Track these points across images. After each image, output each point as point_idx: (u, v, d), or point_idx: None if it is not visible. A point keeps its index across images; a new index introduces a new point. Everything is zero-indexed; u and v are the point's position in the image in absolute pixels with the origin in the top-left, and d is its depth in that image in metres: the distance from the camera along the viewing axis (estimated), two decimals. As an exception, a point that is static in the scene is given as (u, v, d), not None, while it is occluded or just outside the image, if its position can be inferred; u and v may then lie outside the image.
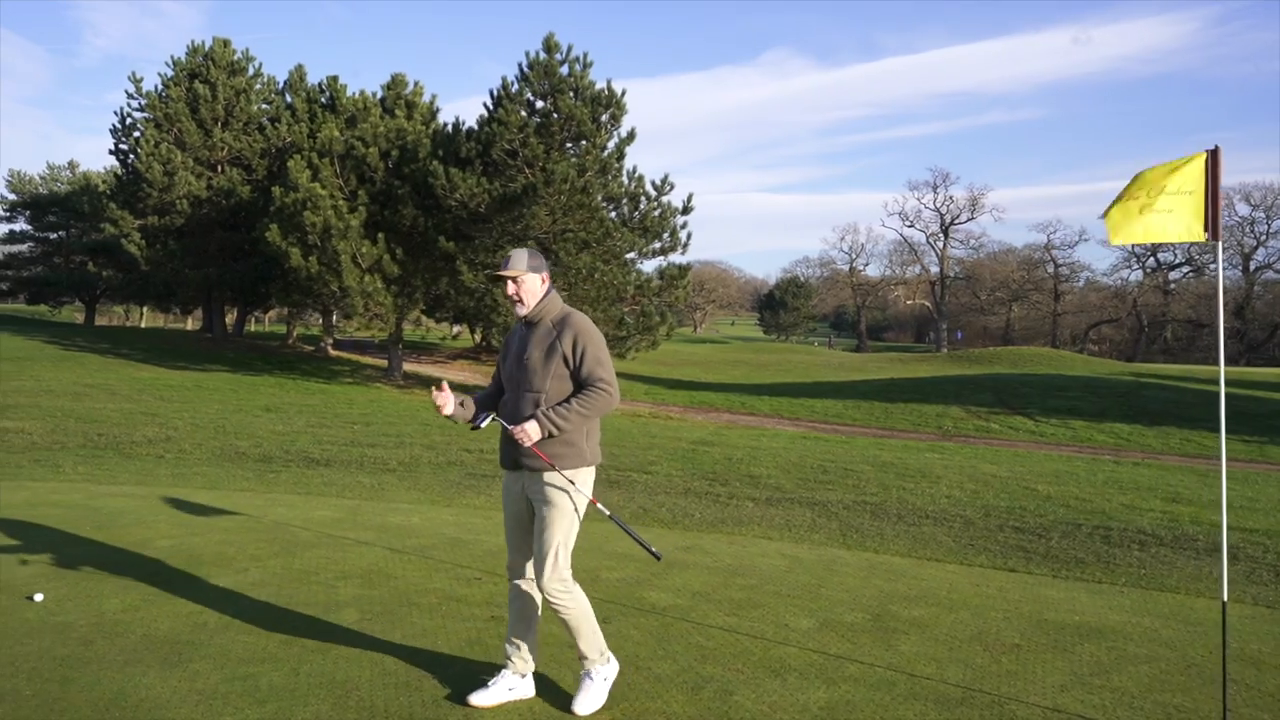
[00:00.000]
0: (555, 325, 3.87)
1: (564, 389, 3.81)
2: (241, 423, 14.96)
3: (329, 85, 32.67)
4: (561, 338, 3.83)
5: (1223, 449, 3.61)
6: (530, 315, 3.91)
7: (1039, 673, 4.42)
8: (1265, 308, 69.26)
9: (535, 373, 3.80)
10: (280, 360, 28.86)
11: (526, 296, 3.88)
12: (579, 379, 3.82)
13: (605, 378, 3.81)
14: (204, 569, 5.91)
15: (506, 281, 3.91)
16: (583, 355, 3.80)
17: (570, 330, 3.83)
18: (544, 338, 3.86)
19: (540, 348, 3.84)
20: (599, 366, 3.81)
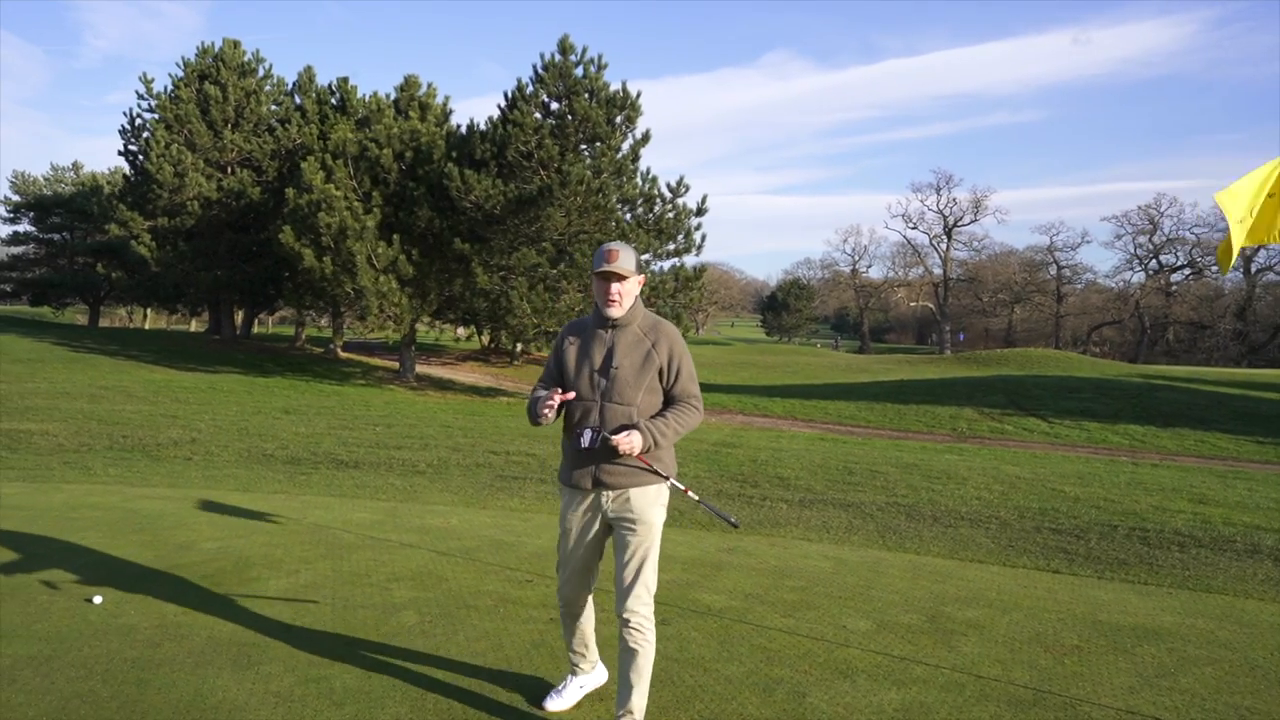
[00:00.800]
0: (646, 333, 3.55)
1: (654, 404, 3.53)
2: (263, 424, 14.98)
3: (339, 86, 32.69)
4: (657, 347, 3.52)
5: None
6: (621, 319, 3.54)
7: (1104, 674, 4.44)
8: (1267, 309, 69.31)
9: (627, 384, 3.47)
10: (290, 362, 28.88)
11: (626, 299, 3.52)
12: (670, 394, 3.55)
13: (698, 394, 3.60)
14: (254, 571, 5.93)
15: (608, 282, 3.50)
16: (679, 370, 3.53)
17: (666, 341, 3.54)
18: (635, 345, 3.53)
19: (633, 357, 3.51)
20: (692, 382, 3.58)
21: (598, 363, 3.52)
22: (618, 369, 3.49)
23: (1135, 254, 74.70)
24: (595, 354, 3.54)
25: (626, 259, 3.48)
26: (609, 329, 3.56)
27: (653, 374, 3.50)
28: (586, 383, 3.52)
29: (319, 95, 32.76)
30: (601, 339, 3.56)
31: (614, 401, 3.47)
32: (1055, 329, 76.74)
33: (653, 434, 3.44)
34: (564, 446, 3.67)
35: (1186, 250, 73.19)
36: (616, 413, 3.46)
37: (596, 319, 3.60)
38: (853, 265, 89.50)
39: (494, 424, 16.73)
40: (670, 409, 3.53)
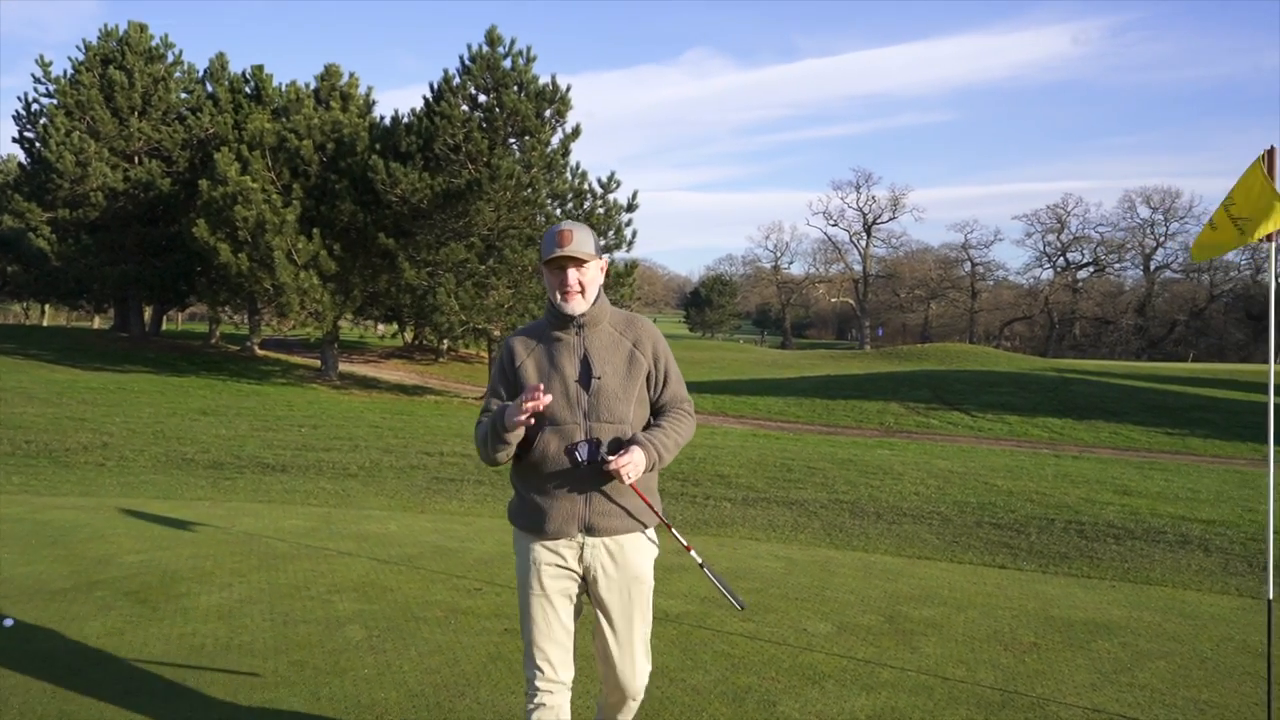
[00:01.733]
0: (623, 331, 2.92)
1: (643, 418, 2.91)
2: (180, 427, 14.30)
3: (254, 75, 31.49)
4: (640, 348, 2.90)
5: (1270, 456, 3.67)
6: (587, 315, 2.86)
7: (1065, 672, 4.48)
8: (1164, 305, 72.84)
9: (615, 397, 2.81)
10: (205, 360, 27.75)
11: (589, 289, 2.84)
12: (659, 402, 2.94)
13: (689, 398, 3.02)
14: (183, 585, 5.58)
15: (564, 270, 2.82)
16: (667, 372, 2.93)
17: (648, 339, 2.92)
18: (613, 347, 2.88)
19: (614, 361, 2.86)
20: (681, 385, 3.00)
21: (572, 374, 2.82)
22: (600, 379, 2.81)
23: (1044, 252, 77.66)
24: (565, 364, 2.83)
25: (583, 240, 2.80)
26: (574, 330, 2.86)
27: (641, 380, 2.87)
28: (562, 401, 2.79)
29: (232, 83, 31.50)
30: (568, 344, 2.86)
31: (603, 420, 2.79)
32: (970, 324, 79.20)
33: (655, 447, 2.78)
34: (519, 481, 2.95)
35: (1091, 248, 76.41)
36: (607, 434, 2.79)
37: (553, 320, 2.88)
38: (775, 262, 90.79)
39: (424, 424, 16.32)
40: (663, 419, 2.92)
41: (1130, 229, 75.23)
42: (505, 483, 10.46)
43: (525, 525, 2.89)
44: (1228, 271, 73.20)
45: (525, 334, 2.98)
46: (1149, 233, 74.50)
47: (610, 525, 2.84)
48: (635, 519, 2.87)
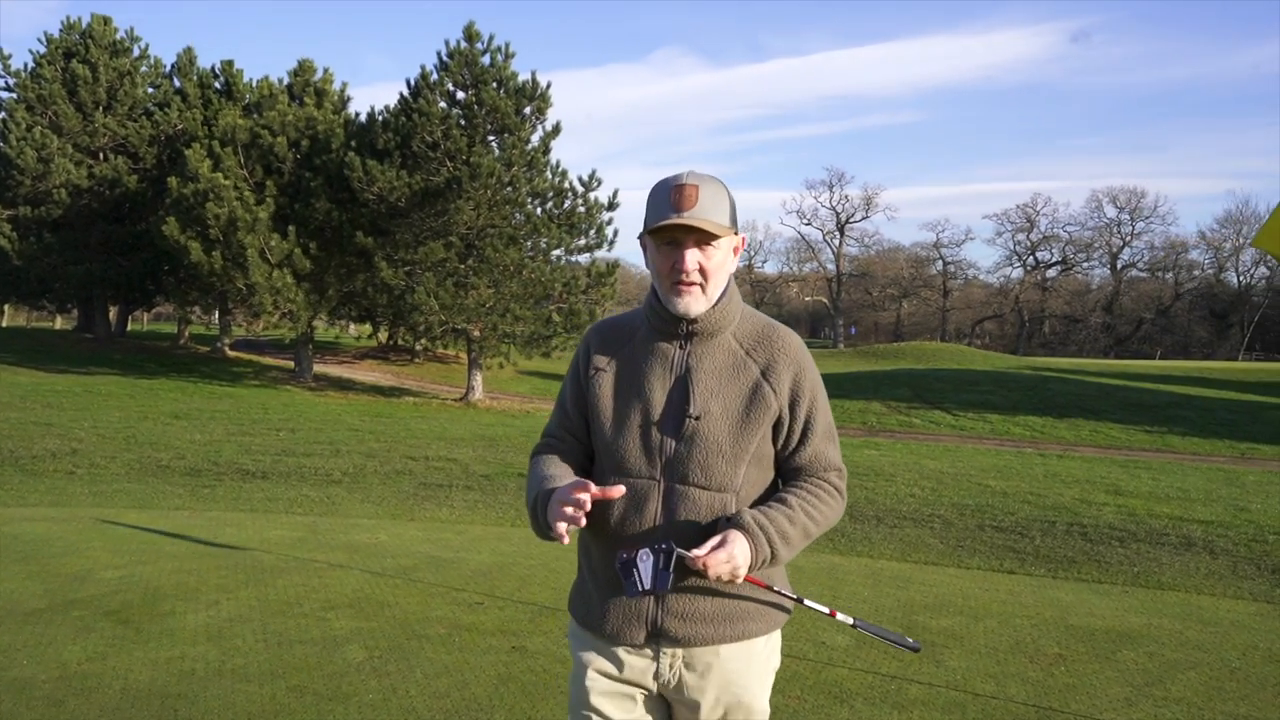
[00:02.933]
0: (751, 348, 1.96)
1: (761, 483, 1.95)
2: (153, 431, 13.88)
3: (224, 70, 30.87)
4: (773, 376, 1.93)
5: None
6: (703, 320, 1.94)
7: (1096, 685, 4.34)
8: (1131, 304, 73.86)
9: (718, 450, 1.88)
10: (174, 362, 27.15)
11: (714, 279, 1.92)
12: (792, 464, 1.97)
13: (839, 465, 2.02)
14: (167, 604, 5.29)
15: (679, 246, 1.89)
16: (810, 419, 1.96)
17: (788, 366, 1.95)
18: (731, 373, 1.93)
19: (727, 394, 1.91)
20: (832, 444, 2.00)
21: (658, 405, 1.92)
22: (700, 419, 1.89)
23: (1014, 251, 78.42)
24: (654, 386, 1.93)
25: (714, 201, 1.87)
26: (680, 340, 1.95)
27: (764, 428, 1.91)
28: (637, 446, 1.90)
29: (201, 78, 30.84)
30: (665, 358, 1.95)
31: (692, 483, 1.87)
32: (941, 322, 79.82)
33: (767, 537, 1.82)
34: (582, 557, 2.08)
35: (1060, 247, 77.26)
36: (696, 505, 1.87)
37: (653, 317, 1.98)
38: (749, 261, 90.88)
39: (405, 426, 16.01)
40: (793, 490, 1.93)
41: (1097, 228, 76.26)
42: (495, 489, 10.22)
43: (579, 616, 2.02)
44: (1191, 270, 74.42)
45: (611, 328, 2.05)
46: (1116, 232, 75.56)
47: (694, 632, 1.88)
48: (733, 624, 1.90)
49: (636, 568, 1.77)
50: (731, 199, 1.94)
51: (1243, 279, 71.96)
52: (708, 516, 1.86)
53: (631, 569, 1.77)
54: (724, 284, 1.97)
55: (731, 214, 1.93)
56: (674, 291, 1.89)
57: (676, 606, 1.88)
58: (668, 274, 1.90)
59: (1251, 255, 71.01)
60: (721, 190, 1.91)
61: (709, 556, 1.76)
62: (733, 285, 2.00)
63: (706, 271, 1.90)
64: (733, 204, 1.94)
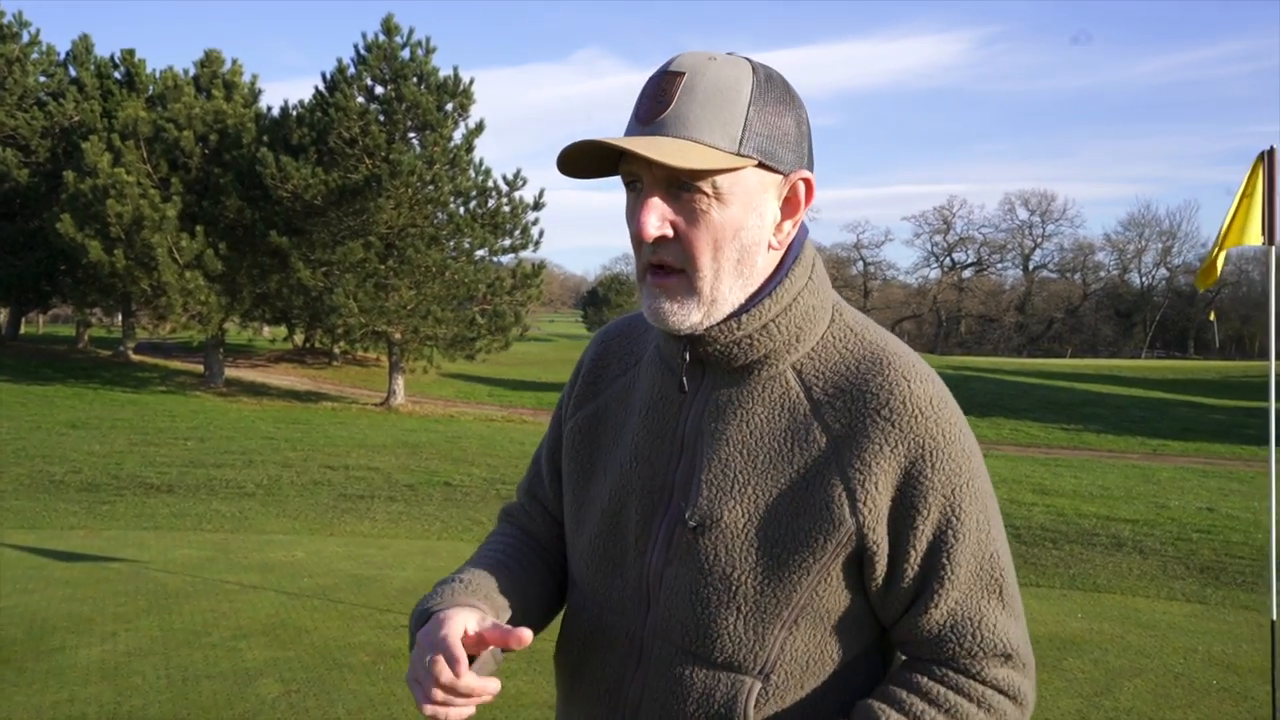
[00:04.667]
0: (823, 396, 1.02)
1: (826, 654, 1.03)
2: (46, 443, 12.99)
3: (125, 59, 29.39)
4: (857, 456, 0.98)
5: (1273, 459, 3.50)
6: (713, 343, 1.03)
7: (1046, 697, 4.26)
8: (1042, 304, 76.61)
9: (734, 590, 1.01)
10: (73, 367, 25.69)
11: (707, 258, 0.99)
12: (908, 633, 1.02)
13: (1013, 647, 1.01)
14: (56, 638, 4.82)
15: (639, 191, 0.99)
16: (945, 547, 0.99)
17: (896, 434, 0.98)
18: (778, 442, 1.02)
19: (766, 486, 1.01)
20: (997, 600, 1.01)
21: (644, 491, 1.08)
22: (702, 530, 1.02)
23: (932, 252, 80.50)
24: (641, 453, 1.09)
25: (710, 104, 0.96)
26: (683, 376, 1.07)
27: (829, 559, 0.99)
28: (601, 561, 1.11)
29: (100, 68, 29.30)
30: (666, 406, 1.09)
31: (681, 646, 1.04)
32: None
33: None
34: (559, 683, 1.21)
35: (976, 248, 79.64)
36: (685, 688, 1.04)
37: (663, 334, 1.09)
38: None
39: (323, 434, 15.38)
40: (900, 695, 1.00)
41: (1010, 230, 78.81)
42: (420, 499, 9.81)
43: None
44: (1098, 271, 77.61)
45: (630, 332, 1.22)
46: (1027, 234, 78.22)
47: None
48: None
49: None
50: (771, 99, 1.00)
51: (1145, 280, 75.40)
52: (705, 714, 1.02)
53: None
54: (747, 269, 1.02)
55: (756, 128, 0.98)
56: (643, 283, 1.03)
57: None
58: (636, 246, 1.03)
59: (1153, 256, 74.51)
60: (739, 79, 0.98)
61: None
62: (807, 273, 1.06)
63: (690, 241, 0.99)
64: (766, 109, 0.99)
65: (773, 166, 1.00)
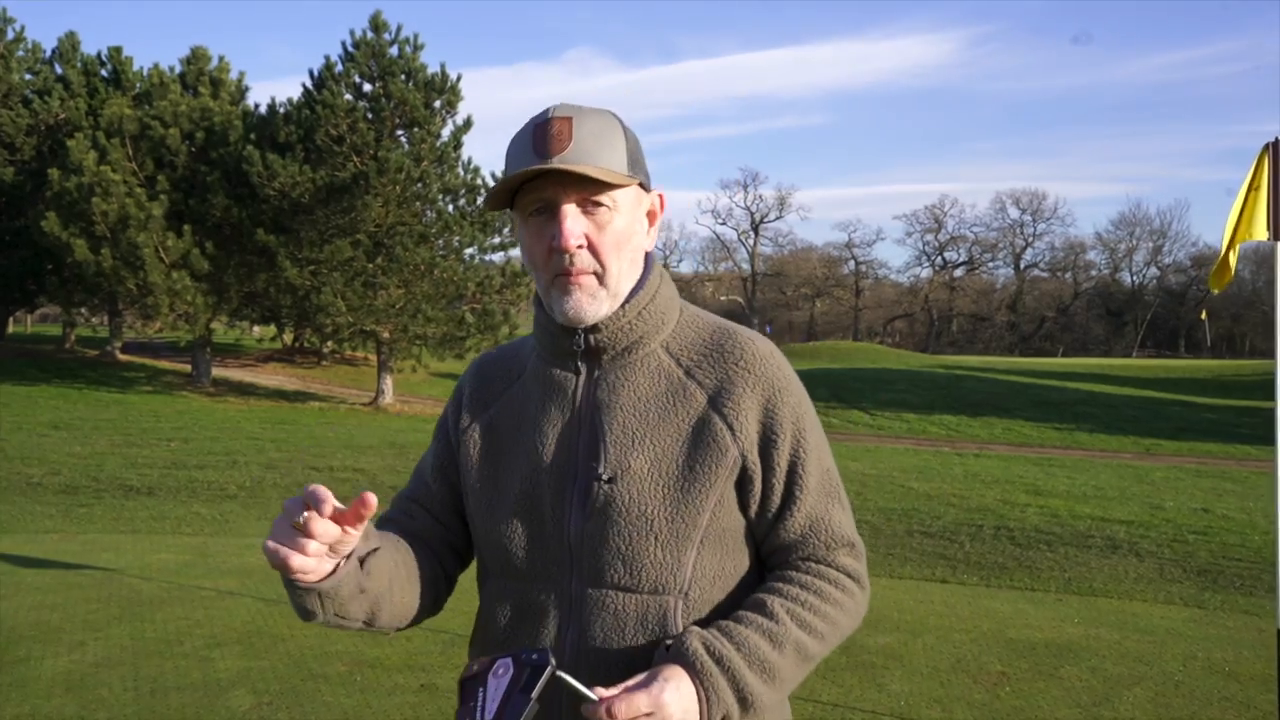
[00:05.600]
0: (690, 363, 1.29)
1: (728, 574, 1.27)
2: (26, 444, 12.81)
3: (111, 56, 29.12)
4: (726, 405, 1.26)
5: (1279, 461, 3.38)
6: (608, 330, 1.27)
7: (1043, 705, 4.14)
8: (1034, 302, 76.75)
9: (646, 523, 1.22)
10: (59, 367, 25.46)
11: (613, 259, 1.24)
12: (776, 540, 1.28)
13: (851, 539, 1.30)
14: (22, 648, 4.67)
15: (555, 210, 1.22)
16: (796, 468, 1.27)
17: (754, 382, 1.27)
18: (665, 405, 1.27)
19: (662, 436, 1.24)
20: (836, 504, 1.30)
21: (552, 466, 1.27)
22: (613, 482, 1.23)
23: (923, 251, 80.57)
24: (545, 439, 1.29)
25: (600, 140, 1.22)
26: (580, 362, 1.30)
27: (720, 487, 1.24)
28: (523, 533, 1.28)
29: (86, 65, 29.04)
30: (560, 394, 1.30)
31: (610, 585, 1.23)
32: (854, 321, 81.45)
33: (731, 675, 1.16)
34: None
35: (967, 247, 79.71)
36: (621, 618, 1.22)
37: (543, 336, 1.33)
38: (663, 259, 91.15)
39: (309, 434, 15.22)
40: (776, 590, 1.25)
41: (1002, 229, 78.90)
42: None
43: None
44: (1089, 270, 77.77)
45: (493, 363, 1.42)
46: (1019, 233, 78.32)
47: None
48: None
49: (483, 687, 1.05)
50: (632, 138, 1.27)
51: (1136, 279, 75.58)
52: (643, 635, 1.19)
53: (475, 689, 1.06)
54: (635, 268, 1.27)
55: (633, 156, 1.26)
56: (556, 286, 1.23)
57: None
58: (544, 260, 1.23)
59: (1144, 255, 74.65)
60: (611, 122, 1.25)
61: (619, 700, 1.07)
62: (658, 271, 1.32)
63: (599, 247, 1.22)
64: (633, 143, 1.27)
65: (645, 186, 1.30)
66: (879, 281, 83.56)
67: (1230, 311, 63.75)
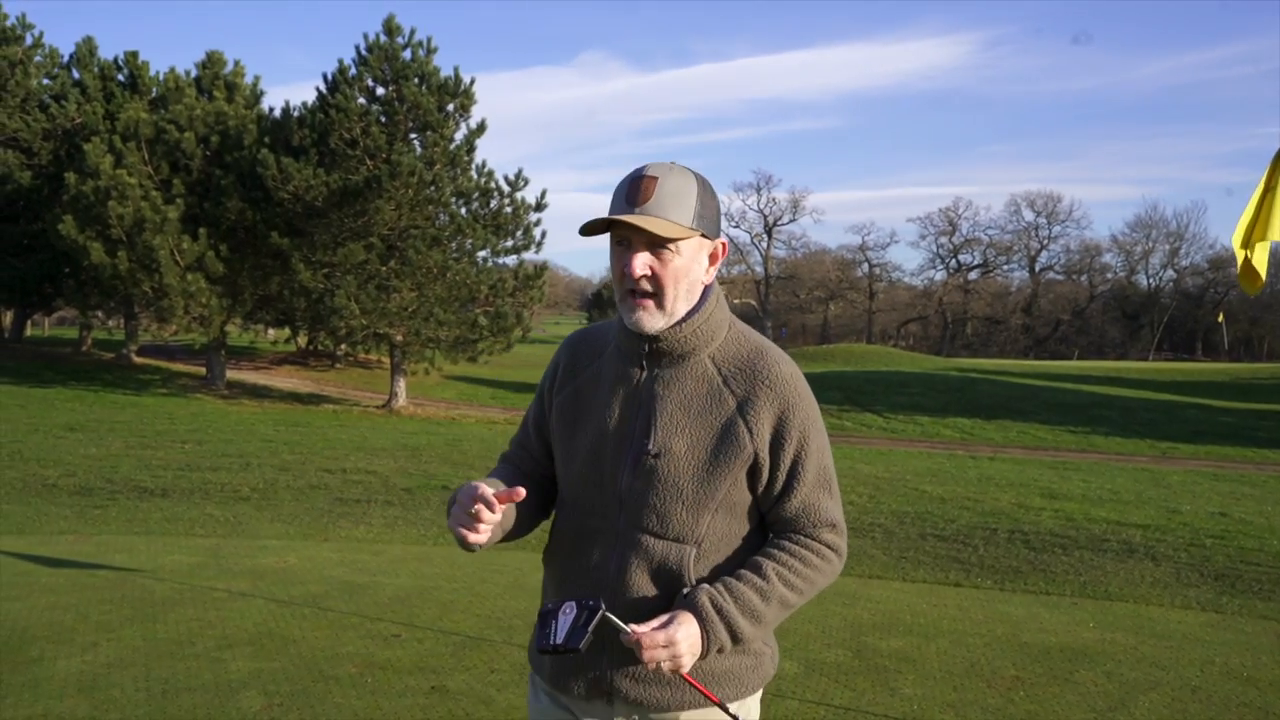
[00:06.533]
0: (729, 377, 1.69)
1: (733, 535, 1.70)
2: (42, 446, 12.90)
3: (127, 61, 29.35)
4: (750, 412, 1.65)
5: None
6: (666, 340, 1.69)
7: (1059, 711, 4.10)
8: (1049, 305, 76.24)
9: (678, 494, 1.65)
10: (75, 369, 25.65)
11: (673, 288, 1.66)
12: (776, 516, 1.70)
13: (837, 520, 1.72)
14: (35, 648, 4.68)
15: (630, 246, 1.65)
16: (798, 465, 1.67)
17: (772, 397, 1.66)
18: (704, 404, 1.68)
19: (698, 432, 1.66)
20: (827, 495, 1.71)
21: (617, 436, 1.70)
22: (659, 458, 1.65)
23: (937, 253, 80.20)
24: (613, 414, 1.71)
25: (676, 197, 1.62)
26: (644, 361, 1.71)
27: (735, 474, 1.65)
28: (589, 481, 1.72)
29: (103, 70, 29.28)
30: (628, 382, 1.72)
31: (647, 530, 1.66)
32: (868, 324, 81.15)
33: (726, 620, 1.59)
34: (544, 585, 1.86)
35: (981, 250, 79.29)
36: (650, 555, 1.66)
37: (621, 333, 1.75)
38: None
39: (322, 436, 15.26)
40: (772, 553, 1.67)
41: (1016, 232, 78.45)
42: (417, 503, 9.67)
43: (531, 657, 1.83)
44: (1104, 273, 77.19)
45: (584, 340, 1.85)
46: (1034, 235, 77.86)
47: (650, 695, 1.66)
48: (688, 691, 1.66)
49: (555, 619, 1.57)
50: (706, 196, 1.67)
51: (1152, 281, 74.97)
52: (663, 569, 1.67)
53: (550, 620, 1.58)
54: (691, 296, 1.70)
55: (700, 212, 1.65)
56: (624, 302, 1.68)
57: (628, 662, 1.65)
58: (619, 281, 1.69)
59: (1160, 258, 74.08)
60: (689, 184, 1.65)
61: (646, 635, 1.55)
62: (716, 299, 1.74)
63: (661, 280, 1.65)
64: (705, 202, 1.67)
65: (709, 236, 1.69)
66: (893, 284, 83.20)
67: (1248, 314, 63.17)
